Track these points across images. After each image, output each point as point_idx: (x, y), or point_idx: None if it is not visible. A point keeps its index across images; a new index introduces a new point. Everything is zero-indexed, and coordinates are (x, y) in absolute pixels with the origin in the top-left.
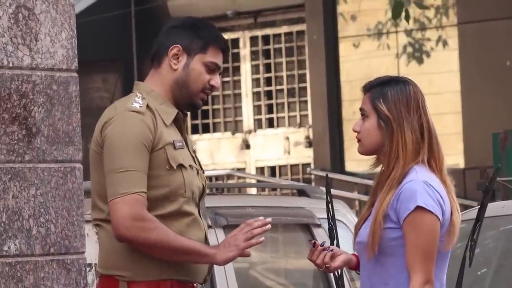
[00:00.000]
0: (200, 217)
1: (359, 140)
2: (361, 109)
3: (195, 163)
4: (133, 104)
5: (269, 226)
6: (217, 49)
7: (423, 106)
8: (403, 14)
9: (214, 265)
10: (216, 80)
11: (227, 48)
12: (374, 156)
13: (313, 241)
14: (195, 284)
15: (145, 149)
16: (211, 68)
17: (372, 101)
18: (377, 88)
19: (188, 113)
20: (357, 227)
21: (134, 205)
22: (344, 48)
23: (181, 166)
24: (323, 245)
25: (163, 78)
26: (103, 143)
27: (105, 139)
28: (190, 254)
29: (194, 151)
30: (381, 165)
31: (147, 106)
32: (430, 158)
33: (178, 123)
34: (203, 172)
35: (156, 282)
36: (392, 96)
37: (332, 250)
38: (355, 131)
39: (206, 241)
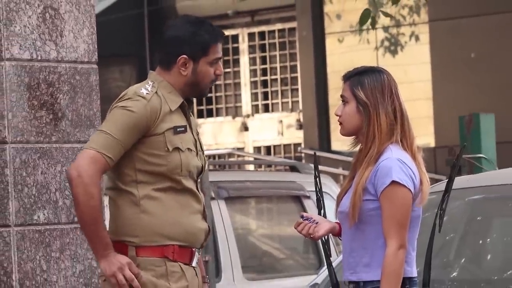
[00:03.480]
0: (198, 191)
1: (340, 123)
2: (341, 96)
3: (196, 146)
4: (141, 89)
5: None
6: (215, 46)
7: (396, 92)
8: (370, 21)
9: (216, 232)
10: (220, 69)
11: (223, 38)
12: (355, 136)
13: (302, 213)
14: (193, 249)
15: (135, 131)
16: (215, 62)
17: (352, 89)
18: (356, 77)
19: (194, 100)
20: (339, 198)
21: (96, 163)
22: (330, 43)
23: (177, 149)
24: (309, 219)
25: (173, 79)
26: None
27: (110, 109)
28: (92, 239)
29: (198, 134)
30: (360, 144)
31: (156, 93)
32: (402, 138)
33: (183, 109)
34: (203, 153)
35: (161, 247)
36: (369, 84)
37: (317, 223)
38: (337, 115)
39: (204, 212)
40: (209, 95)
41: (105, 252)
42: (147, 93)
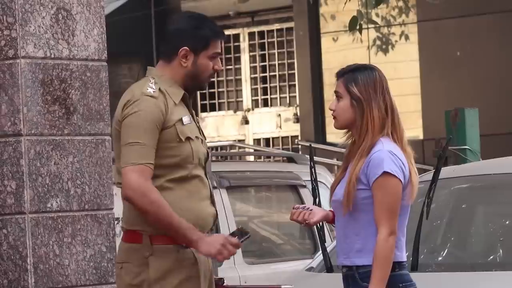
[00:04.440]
0: (206, 177)
1: (334, 117)
2: (336, 92)
3: (200, 134)
4: (147, 89)
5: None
6: (216, 41)
7: (387, 88)
8: (358, 26)
9: (218, 219)
10: (219, 64)
11: (224, 35)
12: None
13: (294, 206)
14: (204, 233)
15: (156, 128)
16: (214, 57)
17: (345, 85)
18: (349, 74)
19: (198, 93)
20: (333, 188)
21: (141, 173)
22: (325, 42)
23: (188, 138)
24: (303, 208)
25: (174, 71)
26: (123, 120)
27: (124, 117)
28: (177, 233)
29: (198, 122)
30: (352, 137)
31: (159, 89)
32: (393, 131)
33: (185, 101)
34: (205, 140)
35: None
36: (362, 80)
37: (311, 210)
38: (331, 110)
39: (211, 197)
40: (212, 90)
41: (196, 236)
42: (153, 91)
